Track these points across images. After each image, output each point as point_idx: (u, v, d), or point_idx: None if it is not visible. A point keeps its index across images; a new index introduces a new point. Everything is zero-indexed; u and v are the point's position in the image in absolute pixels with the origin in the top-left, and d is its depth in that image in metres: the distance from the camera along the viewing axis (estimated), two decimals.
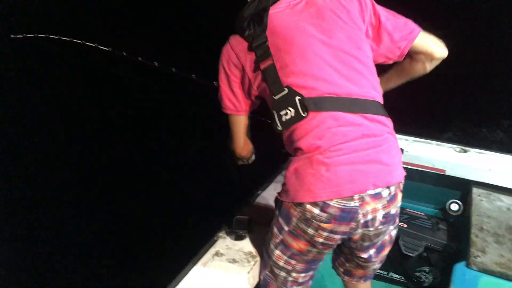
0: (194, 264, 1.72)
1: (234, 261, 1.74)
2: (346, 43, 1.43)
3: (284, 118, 1.40)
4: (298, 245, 1.46)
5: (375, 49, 1.55)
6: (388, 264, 2.56)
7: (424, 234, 2.47)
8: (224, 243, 1.85)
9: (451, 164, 2.49)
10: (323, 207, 1.33)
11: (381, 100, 1.48)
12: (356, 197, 1.33)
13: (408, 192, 2.72)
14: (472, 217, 2.25)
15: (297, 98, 1.36)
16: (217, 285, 1.62)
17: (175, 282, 1.62)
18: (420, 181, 2.68)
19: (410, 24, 1.57)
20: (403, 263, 2.51)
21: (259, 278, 1.72)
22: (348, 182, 1.32)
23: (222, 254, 1.78)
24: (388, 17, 1.55)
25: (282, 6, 1.47)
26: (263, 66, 1.41)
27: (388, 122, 1.48)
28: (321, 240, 1.40)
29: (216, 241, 1.87)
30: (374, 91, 1.46)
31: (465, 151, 2.57)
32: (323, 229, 1.37)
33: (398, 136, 2.65)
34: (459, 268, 1.95)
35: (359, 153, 1.34)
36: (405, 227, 2.49)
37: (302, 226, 1.40)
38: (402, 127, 2.79)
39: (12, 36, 2.95)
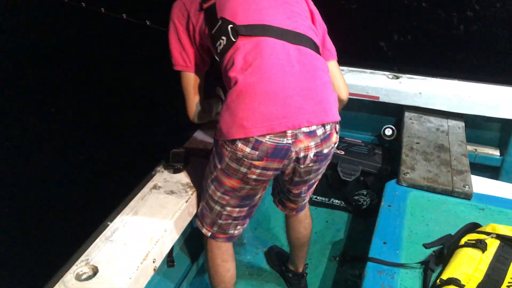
0: (132, 198, 1.73)
1: (172, 192, 1.76)
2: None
3: (219, 49, 1.42)
4: (231, 182, 1.47)
5: None
6: (329, 190, 2.69)
7: (361, 159, 2.58)
8: (161, 177, 1.86)
9: (384, 90, 2.57)
10: (255, 144, 1.31)
11: (317, 42, 1.50)
12: (289, 133, 1.32)
13: (345, 122, 2.81)
14: (403, 139, 2.35)
15: (229, 26, 1.38)
16: (156, 215, 1.64)
17: (113, 216, 1.62)
18: (357, 110, 2.76)
19: (334, 49, 1.66)
20: (342, 188, 2.63)
21: (197, 209, 1.76)
22: (281, 117, 1.29)
23: (160, 187, 1.79)
24: (324, 29, 1.64)
25: None
26: (205, 5, 1.46)
27: (323, 61, 1.48)
28: (254, 177, 1.41)
29: (154, 175, 1.87)
30: (311, 31, 1.48)
31: (397, 77, 2.65)
32: (256, 167, 1.37)
33: None
34: (390, 185, 2.06)
35: (293, 86, 1.33)
36: (343, 155, 2.60)
37: (234, 165, 1.40)
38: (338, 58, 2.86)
39: None
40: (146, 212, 1.65)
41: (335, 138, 1.47)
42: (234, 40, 1.37)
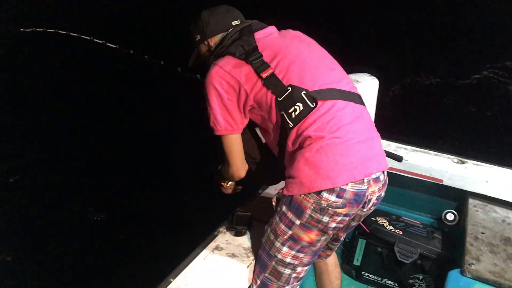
0: (194, 257, 1.74)
1: (233, 255, 1.77)
2: (322, 52, 1.71)
3: (293, 115, 1.50)
4: (310, 236, 1.52)
5: None
6: (382, 270, 2.61)
7: (419, 241, 2.50)
8: (224, 238, 1.87)
9: (448, 174, 2.53)
10: (340, 193, 1.43)
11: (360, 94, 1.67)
12: (365, 180, 1.46)
13: (405, 201, 2.80)
14: (467, 227, 2.28)
15: (302, 93, 1.50)
16: (217, 278, 1.64)
17: (175, 274, 1.64)
18: (417, 190, 2.72)
19: None
20: (397, 269, 2.54)
21: (254, 282, 1.72)
22: (359, 166, 1.44)
23: (222, 248, 1.80)
24: None
25: (260, 35, 1.69)
26: (264, 75, 1.54)
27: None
28: (334, 225, 1.50)
29: (216, 235, 1.89)
30: (354, 87, 1.66)
31: (463, 162, 2.61)
32: (338, 214, 1.47)
33: (397, 145, 2.72)
34: (454, 275, 1.98)
35: (362, 140, 1.49)
36: (400, 234, 2.53)
37: (317, 216, 1.46)
38: (401, 136, 2.86)
39: (22, 29, 2.97)
40: (207, 273, 1.66)
41: (387, 181, 1.64)
42: (312, 106, 1.48)
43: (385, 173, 1.59)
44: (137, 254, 3.10)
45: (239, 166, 1.75)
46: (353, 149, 1.45)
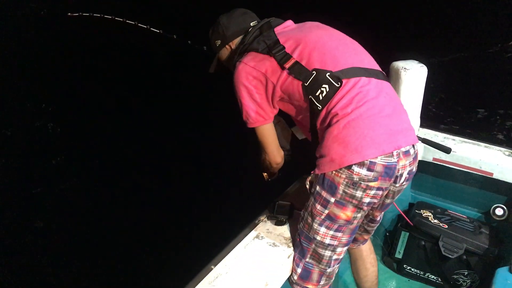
0: (235, 245, 1.74)
1: (274, 245, 1.76)
2: (341, 35, 1.73)
3: (320, 97, 1.53)
4: (346, 213, 1.53)
5: None
6: (425, 264, 2.54)
7: (465, 236, 2.41)
8: (264, 227, 1.87)
9: (499, 167, 2.42)
10: (370, 166, 1.44)
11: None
12: (395, 153, 1.47)
13: (451, 194, 2.71)
14: None
15: (327, 74, 1.53)
16: (257, 266, 1.64)
17: (216, 261, 1.65)
18: (464, 183, 2.62)
19: None
20: (442, 264, 2.47)
21: (294, 271, 1.71)
22: (387, 139, 1.45)
23: (262, 237, 1.80)
24: None
25: (280, 29, 1.73)
26: (287, 65, 1.59)
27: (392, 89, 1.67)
28: (368, 200, 1.51)
29: (257, 224, 1.88)
30: (376, 65, 1.68)
31: None
32: (371, 188, 1.48)
33: (445, 135, 2.63)
34: (502, 272, 1.90)
35: (388, 114, 1.50)
36: (446, 228, 2.45)
37: (350, 191, 1.48)
38: (450, 126, 2.76)
39: (69, 14, 3.04)
40: (248, 262, 1.66)
41: (418, 156, 1.65)
42: (337, 85, 1.50)
43: (415, 147, 1.59)
44: (180, 241, 3.16)
45: (275, 153, 1.84)
46: (380, 123, 1.46)
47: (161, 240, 3.27)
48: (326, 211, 1.54)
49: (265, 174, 2.01)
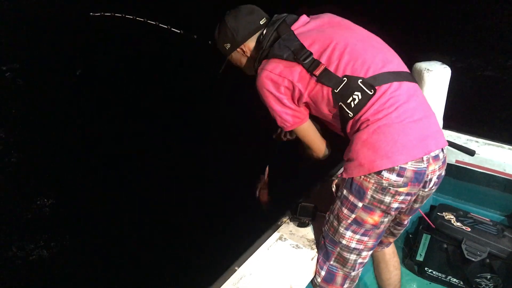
0: (258, 246, 1.75)
1: (297, 246, 1.76)
2: (365, 33, 1.68)
3: (353, 104, 1.50)
4: (373, 218, 1.52)
5: None
6: (447, 267, 2.52)
7: (488, 240, 2.38)
8: (287, 229, 1.87)
9: None
10: (400, 171, 1.42)
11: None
12: (425, 158, 1.45)
13: (474, 196, 2.67)
14: None
15: (359, 81, 1.49)
16: (280, 268, 1.64)
17: (239, 262, 1.65)
18: (488, 186, 2.58)
19: None
20: (464, 267, 2.44)
21: (318, 274, 1.71)
22: (418, 144, 1.43)
23: (285, 239, 1.80)
24: None
25: (297, 27, 1.66)
26: (317, 72, 1.54)
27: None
28: (396, 205, 1.49)
29: (280, 226, 1.88)
30: (403, 65, 1.64)
31: None
32: (400, 194, 1.46)
33: (468, 137, 2.60)
34: None
35: (419, 118, 1.47)
36: (468, 231, 2.42)
37: (379, 196, 1.46)
38: (473, 129, 2.72)
39: (91, 14, 3.07)
40: (271, 263, 1.66)
41: (446, 160, 1.63)
42: (371, 93, 1.47)
43: (444, 150, 1.58)
44: (204, 242, 3.17)
45: (321, 147, 1.81)
46: (411, 128, 1.44)
47: (186, 242, 3.28)
48: (353, 216, 1.53)
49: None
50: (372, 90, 1.47)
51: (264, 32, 1.70)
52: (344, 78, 1.51)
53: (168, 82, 6.18)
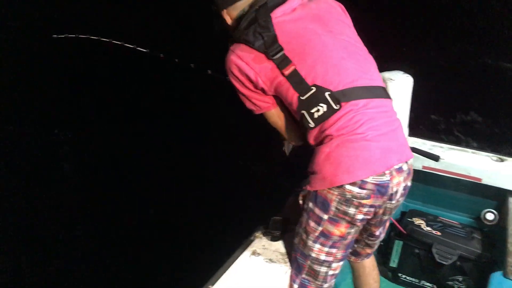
0: (232, 263, 1.74)
1: (271, 261, 1.76)
2: (348, 38, 1.60)
3: (316, 115, 1.48)
4: (339, 230, 1.52)
5: None
6: (420, 272, 2.56)
7: (458, 242, 2.44)
8: (260, 243, 1.87)
9: (487, 172, 2.46)
10: (361, 185, 1.43)
11: (384, 85, 1.63)
12: (387, 172, 1.46)
13: (442, 201, 2.74)
14: (509, 227, 2.22)
15: (327, 93, 1.46)
16: (255, 284, 1.64)
17: (213, 280, 1.64)
18: (455, 190, 2.65)
19: None
20: (436, 271, 2.49)
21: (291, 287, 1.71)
22: (379, 159, 1.44)
23: (259, 254, 1.80)
24: None
25: (280, 13, 1.55)
26: (286, 72, 1.49)
27: (392, 105, 1.62)
28: (361, 216, 1.50)
29: (252, 241, 1.88)
30: (379, 78, 1.62)
31: (502, 160, 2.53)
32: (364, 205, 1.47)
33: (433, 143, 2.66)
34: (496, 277, 1.93)
35: (383, 133, 1.47)
36: (439, 235, 2.48)
37: (343, 208, 1.46)
38: (438, 135, 2.80)
39: (54, 36, 3.02)
40: (245, 279, 1.65)
41: (412, 171, 1.62)
42: (336, 108, 1.45)
43: (409, 162, 1.58)
44: (173, 262, 3.13)
45: (291, 134, 1.76)
46: (374, 143, 1.44)
47: (158, 260, 3.24)
48: (320, 228, 1.53)
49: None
50: (338, 105, 1.44)
51: (244, 9, 1.61)
52: (312, 87, 1.47)
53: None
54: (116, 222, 3.68)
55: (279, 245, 1.85)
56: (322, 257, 1.57)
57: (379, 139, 1.45)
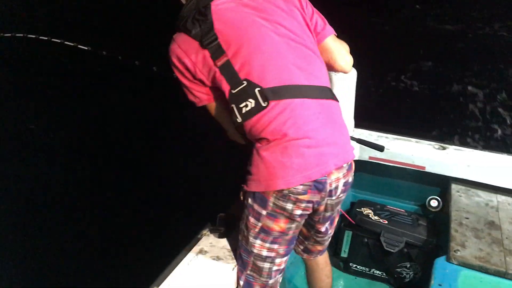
0: (178, 262, 1.71)
1: (218, 258, 1.74)
2: (293, 32, 1.53)
3: (244, 110, 1.45)
4: (279, 225, 1.51)
5: None
6: (370, 261, 2.61)
7: (405, 230, 2.50)
8: (208, 241, 1.84)
9: (430, 161, 2.53)
10: None
11: (329, 85, 1.59)
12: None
13: (389, 190, 2.80)
14: (451, 213, 2.29)
15: (257, 89, 1.42)
16: (202, 282, 1.61)
17: (159, 281, 1.60)
18: (400, 178, 2.72)
19: (328, 25, 1.69)
20: (385, 259, 2.54)
21: (238, 284, 1.69)
22: (315, 166, 1.42)
23: (206, 252, 1.77)
24: (317, 13, 1.68)
25: (222, 2, 1.51)
26: (219, 63, 1.45)
27: (338, 105, 1.60)
28: (299, 212, 1.48)
29: (200, 239, 1.86)
30: (324, 77, 1.57)
31: (444, 148, 2.61)
32: (301, 201, 1.46)
33: (379, 134, 2.71)
34: (440, 262, 1.99)
35: (321, 137, 1.45)
36: (386, 224, 2.53)
37: (280, 203, 1.45)
38: (382, 125, 2.86)
39: (1, 34, 2.89)
40: (192, 279, 1.63)
41: (353, 167, 1.63)
42: (264, 105, 1.41)
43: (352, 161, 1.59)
44: (117, 263, 3.05)
45: (230, 130, 1.68)
46: (310, 150, 1.42)
47: (101, 263, 3.14)
48: (260, 224, 1.52)
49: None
50: (266, 103, 1.41)
51: None
52: (244, 82, 1.43)
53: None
54: (60, 220, 3.55)
55: (227, 242, 1.84)
56: (264, 253, 1.56)
57: (316, 144, 1.43)
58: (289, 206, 1.46)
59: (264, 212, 1.49)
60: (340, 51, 1.67)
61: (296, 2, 1.61)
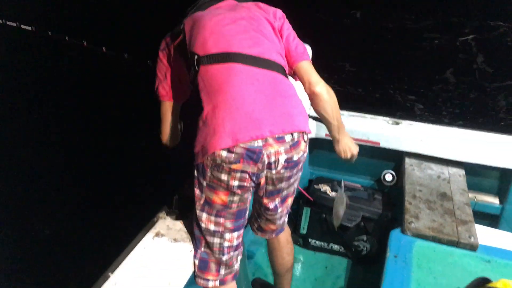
0: (133, 247, 1.67)
1: (175, 241, 1.71)
2: (250, 22, 1.64)
3: (190, 78, 1.60)
4: (220, 197, 1.52)
5: None
6: (328, 236, 2.65)
7: (361, 204, 2.56)
8: (164, 224, 1.81)
9: (384, 136, 2.58)
10: (230, 149, 1.43)
11: (282, 63, 1.63)
12: (260, 139, 1.45)
13: (345, 166, 2.83)
14: (405, 186, 2.34)
15: (195, 57, 1.55)
16: (159, 266, 1.58)
17: (113, 267, 1.56)
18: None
19: (305, 51, 1.74)
20: (342, 234, 2.59)
21: (194, 264, 1.66)
22: (244, 130, 1.43)
23: (162, 235, 1.74)
24: (292, 36, 1.74)
25: (218, 6, 1.74)
26: (176, 42, 1.66)
27: (286, 79, 1.62)
28: (236, 183, 1.48)
29: (156, 222, 1.82)
30: (274, 55, 1.60)
31: (398, 123, 2.66)
32: (235, 171, 1.45)
33: None
34: (395, 234, 2.03)
35: (255, 102, 1.47)
36: None
37: (216, 174, 1.47)
38: (339, 103, 2.87)
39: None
40: (149, 263, 1.60)
41: (303, 146, 1.58)
42: (197, 70, 1.54)
43: (296, 135, 1.53)
44: (73, 250, 2.97)
45: (166, 133, 1.86)
46: (240, 113, 1.44)
47: (54, 249, 3.06)
48: (203, 196, 1.54)
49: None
50: (197, 68, 1.53)
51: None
52: (189, 53, 1.58)
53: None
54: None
55: (183, 225, 1.81)
56: (212, 227, 1.57)
57: (248, 109, 1.45)
58: (224, 176, 1.46)
59: (204, 183, 1.51)
60: (315, 76, 1.69)
61: (270, 12, 1.73)
